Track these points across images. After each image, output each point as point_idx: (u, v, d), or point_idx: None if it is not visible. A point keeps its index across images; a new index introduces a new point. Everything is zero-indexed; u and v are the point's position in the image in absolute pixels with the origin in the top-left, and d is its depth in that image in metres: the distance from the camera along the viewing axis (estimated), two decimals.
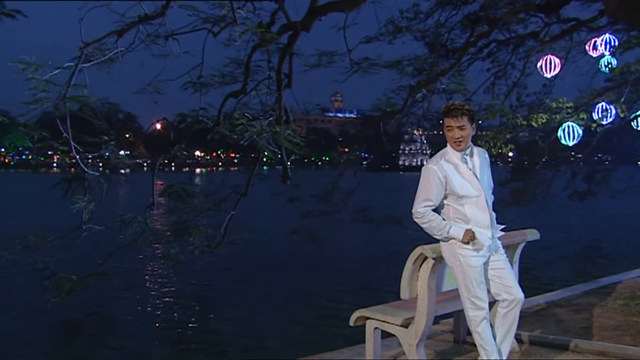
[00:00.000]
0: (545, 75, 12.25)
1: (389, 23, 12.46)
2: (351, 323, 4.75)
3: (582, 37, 12.97)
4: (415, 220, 4.33)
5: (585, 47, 12.31)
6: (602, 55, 11.90)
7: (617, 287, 7.81)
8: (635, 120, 13.99)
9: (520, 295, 4.34)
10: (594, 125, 12.70)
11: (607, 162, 22.89)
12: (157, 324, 12.16)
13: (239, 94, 8.92)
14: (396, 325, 4.48)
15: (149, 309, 13.30)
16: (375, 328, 4.63)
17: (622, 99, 12.69)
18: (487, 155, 4.49)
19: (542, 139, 14.77)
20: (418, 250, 4.45)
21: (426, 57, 12.10)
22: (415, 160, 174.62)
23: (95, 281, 8.84)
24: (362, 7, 8.97)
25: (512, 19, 10.66)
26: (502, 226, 4.45)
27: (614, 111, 12.53)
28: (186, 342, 11.04)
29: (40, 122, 7.40)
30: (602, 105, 12.53)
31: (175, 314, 13.03)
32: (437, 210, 4.35)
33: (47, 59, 6.36)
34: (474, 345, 4.45)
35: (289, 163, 9.32)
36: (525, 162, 17.45)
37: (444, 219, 4.31)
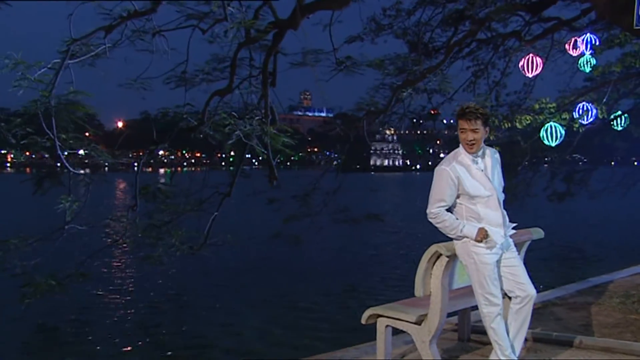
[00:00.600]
0: (527, 74, 12.55)
1: (371, 21, 12.72)
2: (363, 321, 4.95)
3: (562, 37, 13.32)
4: (430, 220, 4.58)
5: (564, 46, 12.66)
6: (582, 54, 12.23)
7: (610, 286, 8.17)
8: (615, 121, 14.48)
9: (533, 291, 4.61)
10: (576, 125, 13.09)
11: (580, 163, 23.40)
12: (135, 330, 12.15)
13: (224, 92, 9.05)
14: (410, 322, 4.69)
15: (126, 314, 13.27)
16: (387, 326, 4.83)
17: (605, 99, 13.12)
18: (497, 155, 4.74)
19: (523, 139, 15.14)
20: (433, 249, 4.68)
21: (409, 56, 12.35)
22: (387, 160, 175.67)
23: (75, 283, 8.91)
24: (348, 5, 9.14)
25: (499, 18, 10.94)
26: (514, 224, 4.71)
27: (594, 111, 12.93)
28: (171, 349, 11.06)
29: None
30: (583, 105, 12.92)
31: (158, 320, 12.99)
32: (450, 209, 4.59)
33: (33, 49, 6.44)
34: (479, 343, 4.70)
35: (265, 164, 9.46)
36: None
37: (457, 218, 4.55)
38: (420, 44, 12.49)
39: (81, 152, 8.62)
